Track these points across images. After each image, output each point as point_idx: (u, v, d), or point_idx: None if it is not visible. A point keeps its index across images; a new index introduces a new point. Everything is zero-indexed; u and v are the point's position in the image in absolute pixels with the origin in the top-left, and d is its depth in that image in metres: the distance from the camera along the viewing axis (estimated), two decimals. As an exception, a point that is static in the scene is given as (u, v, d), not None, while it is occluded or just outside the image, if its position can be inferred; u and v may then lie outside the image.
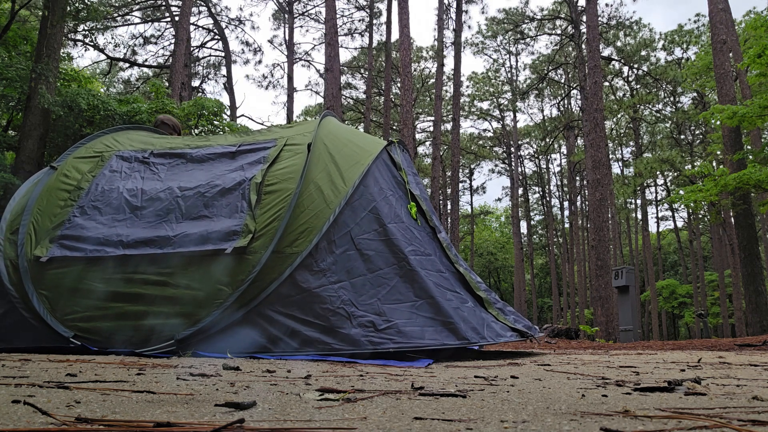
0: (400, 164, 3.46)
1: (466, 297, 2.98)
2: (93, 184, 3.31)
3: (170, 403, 1.14)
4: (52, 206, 3.22)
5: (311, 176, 3.06)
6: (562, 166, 37.35)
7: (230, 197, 3.06)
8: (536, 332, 3.27)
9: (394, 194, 3.21)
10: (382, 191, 3.16)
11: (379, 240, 2.95)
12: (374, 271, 2.84)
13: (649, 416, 1.02)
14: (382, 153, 3.36)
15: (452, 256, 3.18)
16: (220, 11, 28.28)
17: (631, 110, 27.55)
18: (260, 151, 3.33)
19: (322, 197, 2.99)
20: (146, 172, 3.39)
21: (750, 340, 6.58)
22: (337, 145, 3.31)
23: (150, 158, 3.49)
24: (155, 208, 3.11)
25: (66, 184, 3.34)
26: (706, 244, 38.89)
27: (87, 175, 3.39)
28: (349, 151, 3.28)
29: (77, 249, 2.98)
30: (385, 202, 3.11)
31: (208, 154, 3.43)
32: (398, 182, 3.34)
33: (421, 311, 2.76)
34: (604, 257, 15.38)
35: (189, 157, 3.45)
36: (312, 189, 3.01)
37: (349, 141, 3.41)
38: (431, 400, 1.23)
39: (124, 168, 3.43)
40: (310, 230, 2.87)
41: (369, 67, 25.21)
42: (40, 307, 2.85)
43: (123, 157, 3.51)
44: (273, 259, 2.78)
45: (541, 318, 41.10)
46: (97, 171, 3.42)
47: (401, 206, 3.19)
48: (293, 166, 3.12)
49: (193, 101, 11.01)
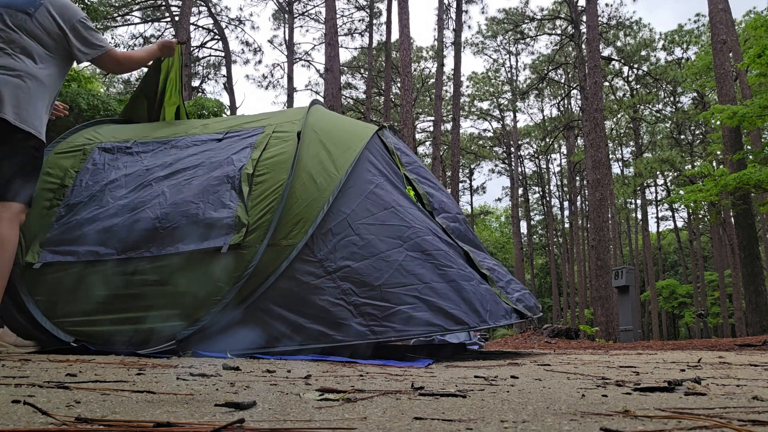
0: (392, 148, 3.41)
1: (471, 274, 2.93)
2: (77, 180, 3.20)
3: (170, 403, 1.14)
4: (37, 208, 3.08)
5: (303, 164, 2.98)
6: (562, 166, 37.36)
7: (219, 188, 2.95)
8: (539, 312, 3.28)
9: (389, 178, 3.16)
10: (377, 176, 3.11)
11: (377, 225, 2.90)
12: (373, 256, 2.79)
13: (649, 416, 1.02)
14: (373, 138, 3.30)
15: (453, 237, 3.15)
16: (220, 11, 28.28)
17: (631, 110, 27.56)
18: (247, 138, 3.23)
19: (315, 185, 2.91)
20: (130, 162, 3.26)
21: (750, 340, 6.58)
22: (328, 131, 3.23)
23: (134, 147, 3.36)
24: (141, 199, 3.00)
25: (50, 183, 3.21)
26: (706, 244, 38.90)
27: (70, 171, 3.26)
28: (340, 138, 3.20)
29: (69, 253, 2.90)
30: (380, 187, 3.06)
31: (195, 141, 3.32)
32: (392, 166, 3.29)
33: (423, 294, 2.72)
34: (604, 257, 15.38)
35: (174, 144, 3.33)
36: (304, 177, 2.93)
37: (338, 128, 3.34)
38: (431, 400, 1.23)
39: (107, 160, 3.31)
40: (304, 220, 2.81)
41: (369, 67, 25.21)
42: (37, 314, 2.79)
43: (105, 149, 3.38)
44: (269, 253, 2.71)
45: (541, 318, 41.06)
46: (80, 166, 3.29)
47: (397, 190, 3.14)
48: (283, 155, 3.02)
49: (193, 101, 11.02)
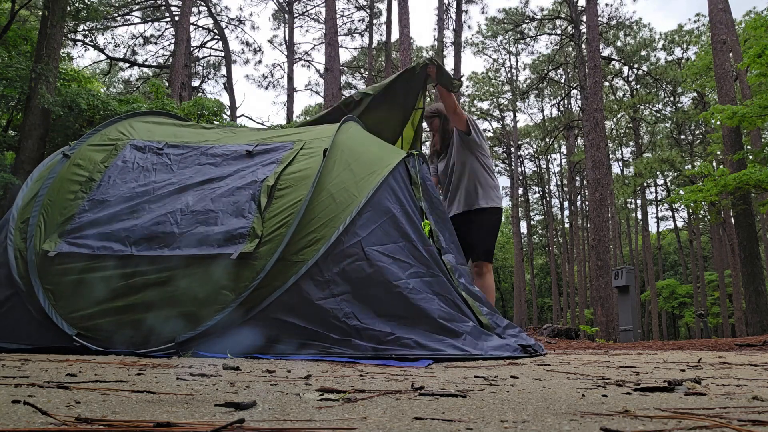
0: (415, 178, 3.33)
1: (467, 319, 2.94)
2: (105, 176, 3.25)
3: (170, 403, 1.14)
4: (62, 198, 3.16)
5: (325, 182, 2.96)
6: (562, 166, 37.37)
7: (238, 196, 2.98)
8: (541, 349, 3.22)
9: (405, 209, 3.11)
10: (395, 205, 3.07)
11: (387, 254, 2.88)
12: (380, 285, 2.78)
13: (649, 416, 1.02)
14: (399, 165, 3.23)
15: (455, 280, 3.11)
16: (220, 11, 28.30)
17: (631, 110, 27.56)
18: (276, 152, 3.24)
19: (335, 205, 2.89)
20: (159, 164, 3.31)
21: (750, 340, 6.58)
22: (356, 151, 3.21)
23: (164, 149, 3.40)
24: (164, 204, 3.04)
25: (78, 175, 3.27)
26: (706, 244, 38.90)
27: (99, 165, 3.32)
28: (366, 160, 3.18)
29: (85, 246, 2.93)
30: (397, 217, 3.03)
31: (225, 152, 3.34)
32: (412, 197, 3.24)
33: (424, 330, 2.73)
34: (604, 257, 15.38)
35: (204, 151, 3.37)
36: (324, 196, 2.92)
37: (366, 149, 3.31)
38: (431, 400, 1.23)
39: (137, 158, 3.35)
40: (318, 239, 2.79)
41: (369, 67, 25.23)
42: (45, 303, 2.81)
43: (137, 147, 3.42)
44: (278, 267, 2.70)
45: (541, 318, 41.09)
46: (110, 161, 3.34)
47: (412, 223, 3.10)
48: (307, 170, 3.02)
49: (193, 101, 11.02)
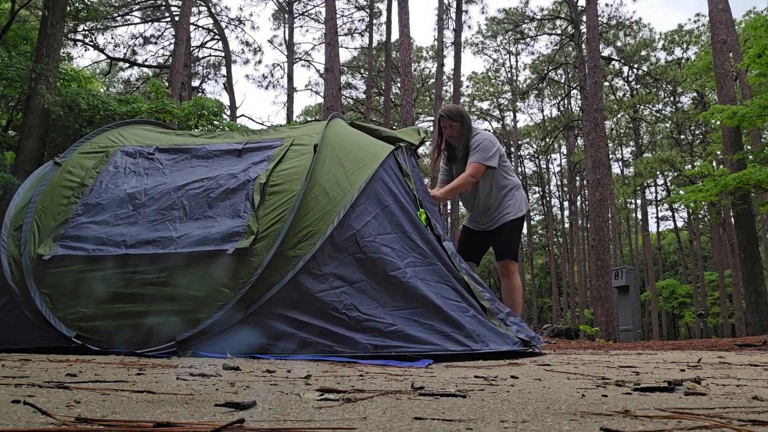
0: (406, 170, 3.38)
1: (469, 306, 2.95)
2: (97, 181, 3.29)
3: (170, 403, 1.14)
4: (55, 204, 3.20)
5: (317, 178, 3.00)
6: (562, 166, 37.36)
7: (234, 197, 3.02)
8: (539, 342, 3.22)
9: (399, 200, 3.14)
10: (388, 196, 3.10)
11: (383, 245, 2.90)
12: (378, 275, 2.80)
13: (649, 416, 1.02)
14: (389, 157, 3.28)
15: (457, 265, 3.13)
16: (220, 11, 28.28)
17: (631, 110, 27.56)
18: (266, 150, 3.28)
19: (328, 199, 2.93)
20: (150, 169, 3.35)
21: (750, 340, 6.58)
22: (345, 147, 3.25)
23: (155, 154, 3.45)
24: (158, 206, 3.08)
25: (70, 181, 3.32)
26: (706, 244, 38.90)
27: (91, 171, 3.37)
28: (356, 154, 3.22)
29: (80, 249, 2.96)
30: (391, 208, 3.06)
31: (214, 151, 3.39)
32: (405, 188, 3.27)
33: (423, 318, 2.74)
34: (604, 257, 15.38)
35: (194, 153, 3.41)
36: (317, 191, 2.96)
37: (356, 144, 3.35)
38: (431, 400, 1.23)
39: (128, 164, 3.40)
40: (313, 233, 2.82)
41: (369, 67, 25.22)
42: (42, 306, 2.83)
43: (128, 153, 3.47)
44: (275, 262, 2.73)
45: (541, 318, 41.07)
46: (101, 167, 3.39)
47: (407, 212, 3.12)
48: (299, 167, 3.06)
49: (193, 101, 11.01)
